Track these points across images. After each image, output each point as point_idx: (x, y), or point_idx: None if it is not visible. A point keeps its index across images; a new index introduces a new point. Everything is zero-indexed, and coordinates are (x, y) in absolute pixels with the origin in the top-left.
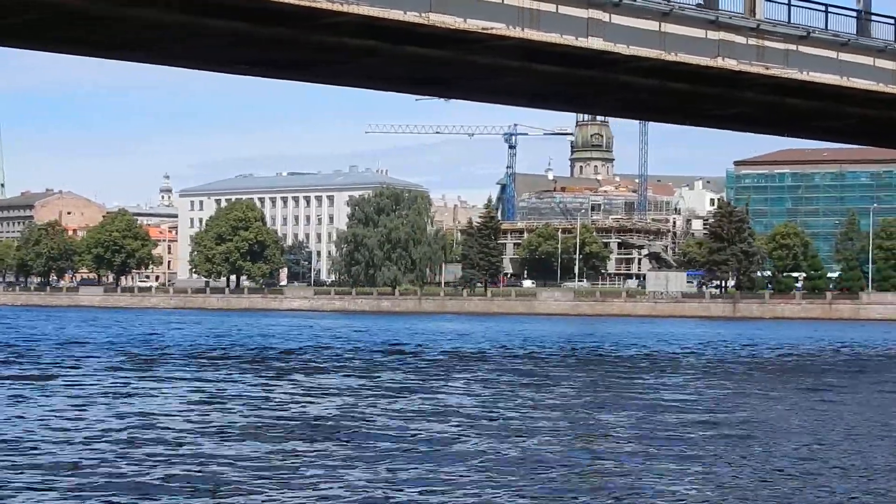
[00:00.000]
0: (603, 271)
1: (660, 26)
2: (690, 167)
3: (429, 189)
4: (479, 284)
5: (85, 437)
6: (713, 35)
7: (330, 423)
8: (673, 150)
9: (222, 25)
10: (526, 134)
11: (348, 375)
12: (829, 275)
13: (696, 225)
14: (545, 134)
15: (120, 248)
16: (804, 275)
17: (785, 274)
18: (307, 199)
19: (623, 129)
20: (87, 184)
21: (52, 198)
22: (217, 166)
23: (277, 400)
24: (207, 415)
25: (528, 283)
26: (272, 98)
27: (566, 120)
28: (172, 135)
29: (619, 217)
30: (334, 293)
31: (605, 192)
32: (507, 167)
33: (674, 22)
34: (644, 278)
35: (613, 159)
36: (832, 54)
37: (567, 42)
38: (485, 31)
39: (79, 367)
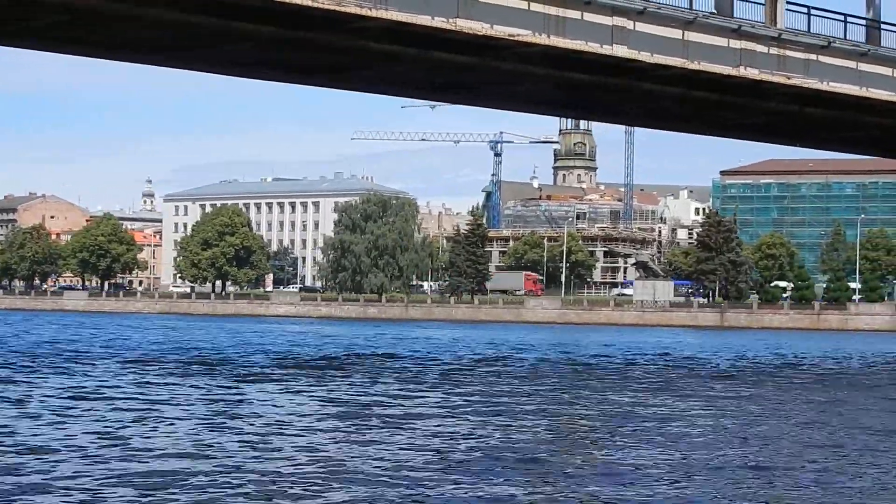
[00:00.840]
0: (589, 280)
1: (683, 34)
2: (674, 177)
3: (413, 196)
4: (465, 292)
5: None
6: (735, 44)
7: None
8: (656, 160)
9: (249, 29)
10: (511, 142)
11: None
12: (815, 285)
13: (682, 234)
14: (531, 142)
15: (105, 253)
16: (792, 285)
17: (773, 284)
18: (292, 205)
19: (605, 138)
20: (69, 187)
21: (36, 201)
22: (199, 171)
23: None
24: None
25: None
26: (256, 102)
27: (551, 128)
28: (154, 138)
29: (605, 226)
30: (321, 299)
31: (591, 200)
32: (493, 175)
33: (697, 30)
34: (629, 285)
35: (596, 168)
36: (852, 64)
37: (592, 49)
38: (511, 38)
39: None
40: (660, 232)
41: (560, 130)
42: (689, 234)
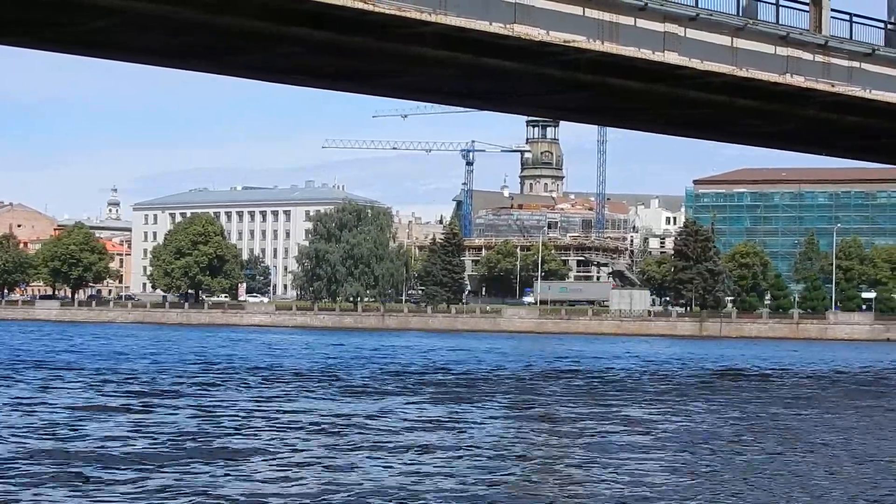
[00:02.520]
0: None
1: (732, 41)
2: (642, 186)
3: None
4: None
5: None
6: (782, 51)
7: None
8: (624, 169)
9: (303, 34)
10: (483, 150)
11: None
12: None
13: (654, 243)
14: (503, 150)
15: (77, 262)
16: (770, 294)
17: (751, 294)
18: (263, 214)
19: (572, 147)
20: (34, 196)
21: (3, 210)
22: (164, 179)
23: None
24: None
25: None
26: (222, 111)
27: (519, 137)
28: (117, 147)
29: (577, 235)
30: (296, 308)
31: (562, 209)
32: (464, 184)
33: (746, 37)
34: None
35: (563, 177)
36: (893, 72)
37: (644, 56)
38: (567, 44)
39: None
40: (631, 241)
41: (527, 139)
42: (661, 243)
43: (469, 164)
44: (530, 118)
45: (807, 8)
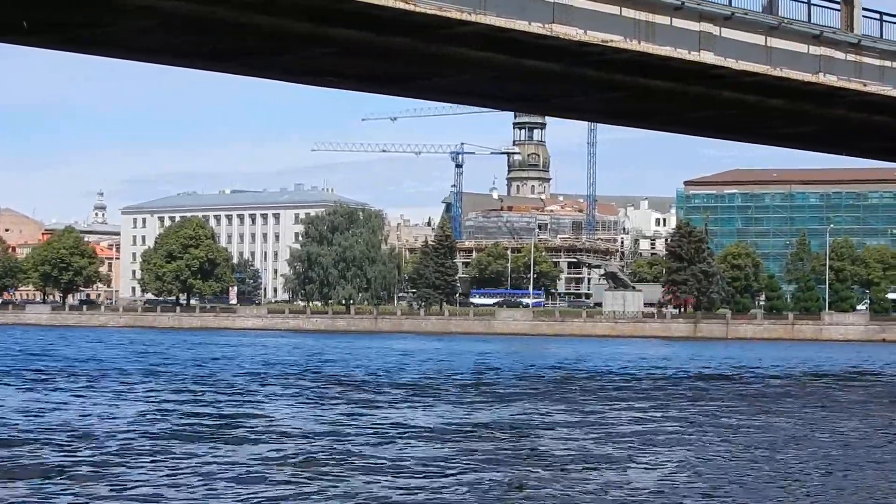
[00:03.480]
0: (553, 291)
1: (766, 41)
2: (629, 187)
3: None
4: (434, 304)
5: None
6: (815, 50)
7: None
8: (612, 171)
9: (341, 35)
10: (473, 153)
11: None
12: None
13: (644, 245)
14: (492, 153)
15: (67, 266)
16: (764, 295)
17: (745, 294)
18: (252, 218)
19: (557, 150)
20: (20, 200)
21: None
22: (151, 183)
23: None
24: None
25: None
26: (208, 113)
27: (506, 139)
28: (102, 150)
29: (567, 237)
30: (288, 312)
31: (551, 211)
32: (453, 186)
33: (779, 36)
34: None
35: (550, 179)
36: None
37: (680, 56)
38: (605, 44)
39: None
40: (622, 242)
41: (514, 141)
42: (652, 244)
43: (458, 166)
44: (516, 121)
45: (838, 6)
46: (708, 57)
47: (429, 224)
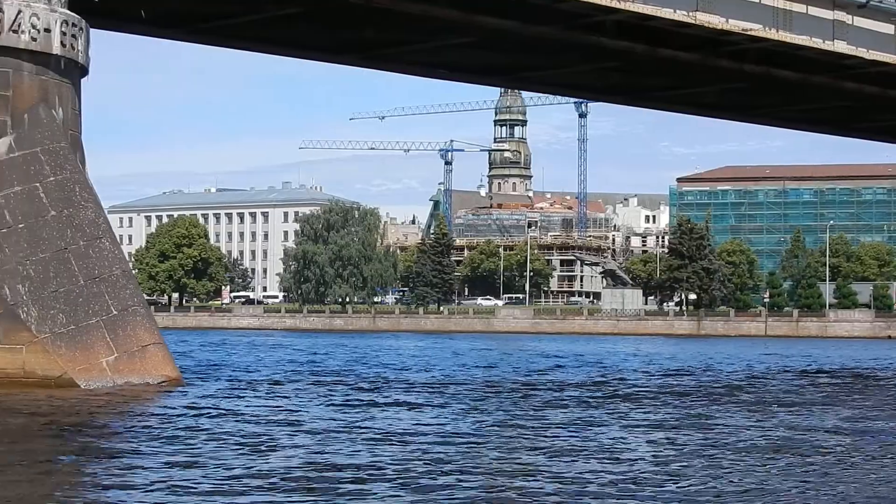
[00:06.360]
0: (545, 289)
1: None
2: (613, 184)
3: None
4: (431, 303)
5: None
6: None
7: None
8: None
9: (488, 24)
10: (462, 150)
11: None
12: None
13: (635, 242)
14: (482, 150)
15: None
16: (767, 292)
17: (744, 292)
18: (241, 216)
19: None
20: None
21: None
22: (134, 180)
23: None
24: None
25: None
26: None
27: (488, 136)
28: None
29: (559, 234)
30: (285, 311)
31: (541, 209)
32: (440, 183)
33: None
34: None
35: (531, 176)
36: None
37: (815, 45)
38: (744, 33)
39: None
40: (613, 240)
41: (495, 138)
42: (643, 241)
43: (448, 163)
44: (497, 118)
45: None
46: (841, 46)
47: (413, 222)
